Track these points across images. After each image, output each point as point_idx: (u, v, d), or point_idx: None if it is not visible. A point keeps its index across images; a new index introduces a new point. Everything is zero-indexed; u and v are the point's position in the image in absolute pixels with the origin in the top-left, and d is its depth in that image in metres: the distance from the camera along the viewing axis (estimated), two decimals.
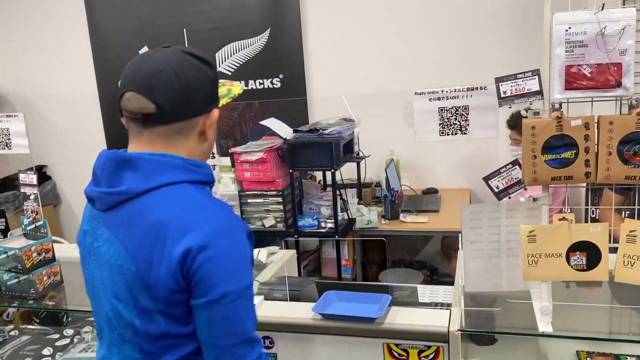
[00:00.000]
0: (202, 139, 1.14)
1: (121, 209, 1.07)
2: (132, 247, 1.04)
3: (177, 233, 1.01)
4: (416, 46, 3.55)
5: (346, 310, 1.52)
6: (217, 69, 1.16)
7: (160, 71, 1.06)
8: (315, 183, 3.37)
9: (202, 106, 1.11)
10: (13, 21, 4.36)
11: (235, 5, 3.79)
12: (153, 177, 1.06)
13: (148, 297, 1.04)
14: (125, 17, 4.04)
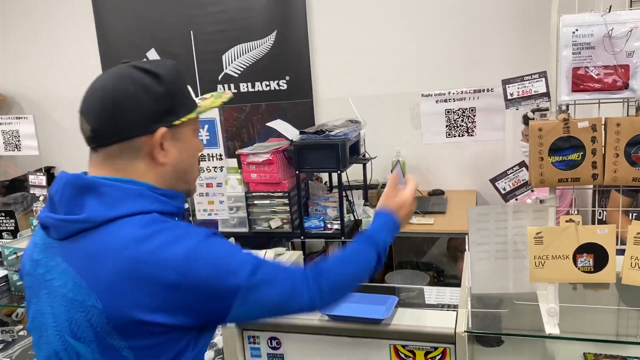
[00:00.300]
0: (156, 162, 1.03)
1: (82, 238, 0.96)
2: (97, 281, 0.93)
3: (152, 271, 0.92)
4: (422, 48, 3.55)
5: (353, 311, 1.52)
6: (172, 83, 1.03)
7: (96, 90, 1.02)
8: (321, 184, 3.38)
9: (137, 126, 1.00)
10: (21, 23, 4.39)
11: (242, 7, 3.80)
12: (117, 205, 0.97)
13: (116, 334, 0.93)
14: (133, 20, 4.07)
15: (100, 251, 0.94)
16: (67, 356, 0.97)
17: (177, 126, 1.04)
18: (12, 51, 4.46)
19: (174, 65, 1.07)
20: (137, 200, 0.99)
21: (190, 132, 1.08)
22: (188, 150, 1.08)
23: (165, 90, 1.02)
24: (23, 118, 2.23)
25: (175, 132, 1.04)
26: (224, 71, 3.95)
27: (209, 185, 1.91)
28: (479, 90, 1.52)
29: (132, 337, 0.93)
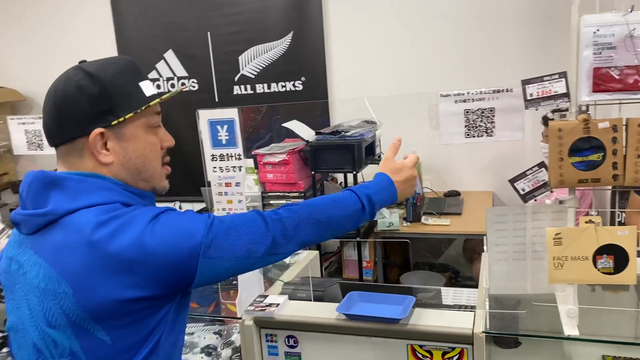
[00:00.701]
0: (101, 163, 1.04)
1: (49, 231, 1.00)
2: (65, 269, 0.96)
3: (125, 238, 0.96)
4: (440, 48, 3.55)
5: (370, 310, 1.52)
6: (111, 83, 1.03)
7: (48, 92, 1.06)
8: (336, 185, 3.39)
9: (75, 127, 1.02)
10: (40, 25, 4.46)
11: (258, 9, 3.83)
12: (80, 196, 1.00)
13: (89, 318, 0.96)
14: (151, 22, 4.11)
15: (63, 240, 0.97)
16: (45, 345, 0.99)
17: (119, 125, 1.04)
18: (32, 53, 4.53)
19: (123, 63, 1.07)
20: (100, 192, 1.01)
21: (139, 129, 1.07)
22: (138, 149, 1.07)
23: (100, 91, 1.02)
24: None
25: (118, 131, 1.04)
26: (241, 72, 3.98)
27: (227, 185, 1.92)
28: (499, 90, 1.52)
29: (105, 319, 0.96)
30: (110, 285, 0.94)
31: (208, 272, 0.99)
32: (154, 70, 4.17)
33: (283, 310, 1.63)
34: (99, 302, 0.94)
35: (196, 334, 2.19)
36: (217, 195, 1.92)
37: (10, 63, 4.60)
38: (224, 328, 2.16)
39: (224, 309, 2.24)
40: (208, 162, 1.92)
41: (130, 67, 1.08)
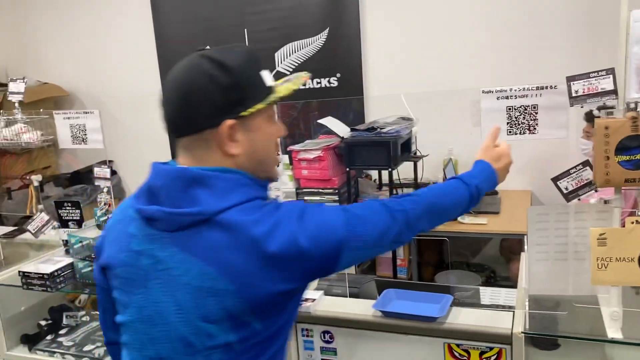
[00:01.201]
0: (228, 154, 1.03)
1: (199, 229, 0.98)
2: (225, 266, 0.96)
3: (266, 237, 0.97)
4: (480, 43, 3.48)
5: (407, 308, 1.52)
6: (241, 73, 1.00)
7: (169, 81, 1.03)
8: (371, 182, 3.38)
9: (204, 118, 1.00)
10: (82, 22, 4.57)
11: (295, 5, 3.84)
12: (227, 195, 0.99)
13: (249, 311, 0.98)
14: (189, 19, 4.17)
15: (221, 239, 0.97)
16: (198, 338, 0.99)
17: (247, 117, 1.02)
18: (74, 49, 4.65)
19: (247, 52, 1.05)
20: (242, 189, 1.01)
21: (263, 120, 1.06)
22: (262, 140, 1.06)
23: (233, 81, 0.99)
24: (89, 113, 2.33)
25: (246, 122, 1.02)
26: (276, 69, 4.00)
27: None
28: (542, 87, 1.49)
29: (261, 310, 0.99)
30: (268, 280, 0.97)
31: (346, 261, 1.04)
32: None
33: (319, 305, 1.64)
34: (258, 297, 0.97)
35: None
36: None
37: (53, 59, 4.73)
38: None
39: None
40: None
41: (254, 56, 1.06)
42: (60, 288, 2.03)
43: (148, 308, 1.03)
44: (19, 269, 2.07)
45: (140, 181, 1.07)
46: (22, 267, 2.10)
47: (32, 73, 4.60)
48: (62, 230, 2.22)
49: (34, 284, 2.01)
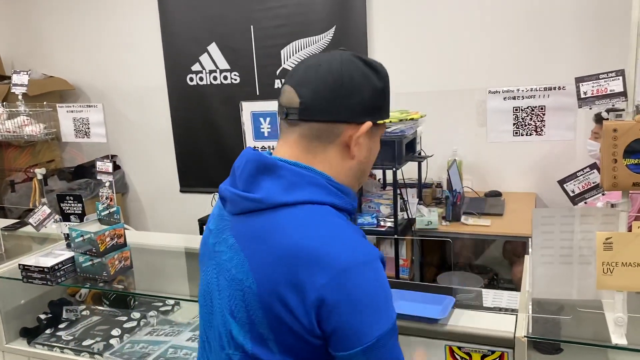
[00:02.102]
0: (347, 154, 1.00)
1: (252, 217, 0.96)
2: (257, 263, 0.93)
3: (311, 265, 0.88)
4: (487, 43, 3.46)
5: (408, 309, 1.50)
6: (387, 83, 1.03)
7: (320, 66, 0.99)
8: (375, 181, 3.36)
9: (350, 112, 0.98)
10: (88, 17, 4.57)
11: (302, 2, 3.83)
12: (294, 190, 0.95)
13: (266, 323, 0.92)
14: (195, 14, 4.16)
15: (267, 234, 0.93)
16: (225, 334, 0.99)
17: (377, 125, 1.03)
18: (80, 44, 4.65)
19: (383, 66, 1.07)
20: (313, 188, 0.96)
21: (379, 135, 1.07)
22: (374, 152, 1.06)
23: (382, 87, 1.01)
24: (93, 107, 2.32)
25: (374, 130, 1.03)
26: (282, 66, 3.99)
27: None
28: (550, 87, 1.47)
29: (277, 330, 0.91)
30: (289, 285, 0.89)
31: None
32: (197, 63, 4.22)
33: None
34: (274, 305, 0.90)
35: None
36: None
37: (59, 53, 4.74)
38: None
39: None
40: None
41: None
42: (60, 282, 2.02)
43: (204, 290, 1.06)
44: (20, 262, 2.07)
45: (143, 175, 1.08)
46: (22, 260, 2.09)
47: (39, 66, 4.61)
48: (63, 224, 2.21)
49: (34, 278, 2.01)
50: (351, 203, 1.01)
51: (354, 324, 0.88)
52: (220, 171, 4.29)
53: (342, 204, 0.98)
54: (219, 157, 4.29)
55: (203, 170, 4.38)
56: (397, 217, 2.89)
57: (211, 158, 4.33)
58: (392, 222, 2.92)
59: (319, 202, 0.95)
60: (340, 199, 0.99)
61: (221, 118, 4.25)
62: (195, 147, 4.35)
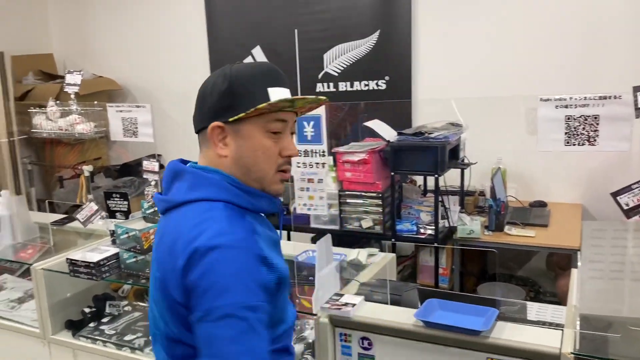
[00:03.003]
0: (219, 155, 1.14)
1: (168, 215, 1.14)
2: (161, 253, 1.11)
3: (184, 245, 1.03)
4: (538, 49, 3.35)
5: (450, 320, 1.47)
6: (239, 83, 1.10)
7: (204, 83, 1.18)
8: (415, 187, 3.32)
9: (205, 118, 1.13)
10: (137, 18, 4.68)
11: (346, 6, 3.82)
12: (195, 190, 1.11)
13: (166, 304, 1.08)
14: (241, 18, 4.21)
15: (167, 228, 1.12)
16: (153, 317, 1.17)
17: (238, 123, 1.11)
18: (128, 45, 4.77)
19: (261, 67, 1.15)
20: (211, 188, 1.11)
21: (256, 130, 1.12)
22: (249, 148, 1.13)
23: (227, 89, 1.11)
24: (141, 107, 2.38)
25: (237, 128, 1.12)
26: (324, 70, 3.99)
27: (310, 181, 1.93)
28: (605, 97, 1.41)
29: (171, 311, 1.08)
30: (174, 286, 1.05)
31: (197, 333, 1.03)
32: None
33: (359, 310, 1.62)
34: (171, 295, 1.06)
35: None
36: (299, 190, 1.93)
37: (109, 54, 4.87)
38: (297, 323, 2.17)
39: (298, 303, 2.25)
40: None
41: (268, 73, 1.14)
42: (105, 277, 2.08)
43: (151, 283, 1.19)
44: (67, 256, 2.13)
45: None
46: (70, 254, 2.16)
47: (88, 66, 4.76)
48: (109, 221, 2.27)
49: (80, 272, 2.06)
50: (250, 202, 1.13)
51: (198, 298, 1.00)
52: None
53: (239, 202, 1.11)
54: None
55: None
56: (437, 225, 2.85)
57: None
58: (433, 229, 2.88)
59: (213, 199, 1.09)
60: (238, 197, 1.11)
61: None
62: None
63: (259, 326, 1.00)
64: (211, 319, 0.98)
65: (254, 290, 1.01)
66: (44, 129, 3.43)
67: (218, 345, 0.97)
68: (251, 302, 0.99)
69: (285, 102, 1.11)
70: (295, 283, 2.09)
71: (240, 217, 1.09)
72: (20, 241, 2.58)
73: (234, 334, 0.97)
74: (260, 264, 1.03)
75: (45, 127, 3.43)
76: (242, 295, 0.99)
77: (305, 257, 2.28)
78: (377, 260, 2.15)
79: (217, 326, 0.98)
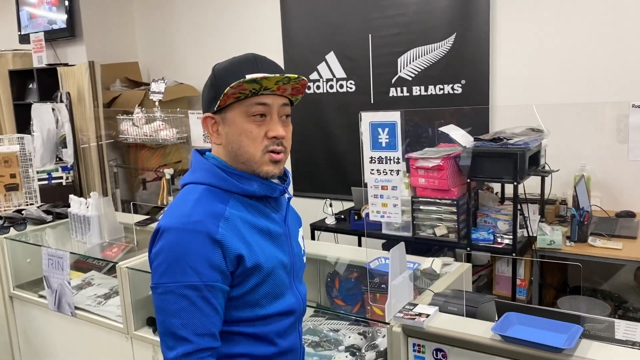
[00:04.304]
0: (214, 142, 1.26)
1: None
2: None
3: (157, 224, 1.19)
4: (627, 51, 3.16)
5: (529, 335, 1.41)
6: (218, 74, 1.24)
7: None
8: (492, 195, 3.22)
9: (203, 110, 1.27)
10: (213, 25, 4.84)
11: (421, 10, 3.77)
12: (191, 174, 1.26)
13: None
14: (316, 23, 4.25)
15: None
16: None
17: (225, 111, 1.22)
18: (205, 51, 4.92)
19: (240, 58, 1.25)
20: (202, 173, 1.24)
21: (237, 115, 1.21)
22: (235, 133, 1.22)
23: (212, 81, 1.24)
24: None
25: (224, 116, 1.22)
26: (398, 74, 3.96)
27: (383, 188, 1.92)
28: None
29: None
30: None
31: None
32: (315, 72, 4.30)
33: (433, 321, 1.59)
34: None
35: (341, 332, 2.23)
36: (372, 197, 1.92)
37: (187, 61, 5.07)
38: (369, 330, 2.16)
39: (369, 310, 2.24)
40: (366, 163, 1.93)
41: (245, 61, 1.24)
42: None
43: None
44: None
45: None
46: None
47: (171, 74, 4.98)
48: None
49: None
50: (237, 185, 1.22)
51: (152, 272, 1.17)
52: (332, 178, 4.35)
53: (224, 186, 1.21)
54: (332, 164, 4.35)
55: (315, 177, 4.46)
56: (516, 235, 2.74)
57: (324, 164, 4.40)
58: (510, 239, 2.78)
59: (199, 183, 1.22)
60: (224, 180, 1.22)
61: (335, 126, 4.30)
62: (310, 154, 4.44)
63: (202, 303, 1.13)
64: (158, 293, 1.14)
65: (198, 271, 1.12)
66: (130, 135, 3.62)
67: (162, 315, 1.14)
68: (192, 282, 1.12)
69: (251, 83, 1.16)
70: (367, 290, 2.08)
71: (214, 200, 1.19)
72: (107, 240, 2.73)
73: (174, 308, 1.12)
74: (213, 246, 1.14)
75: (131, 133, 3.62)
76: (182, 276, 1.12)
77: (378, 264, 2.26)
78: (452, 270, 2.10)
79: (162, 300, 1.14)
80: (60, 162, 4.48)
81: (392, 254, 1.67)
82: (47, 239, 3.01)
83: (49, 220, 3.09)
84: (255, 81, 1.16)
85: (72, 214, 2.84)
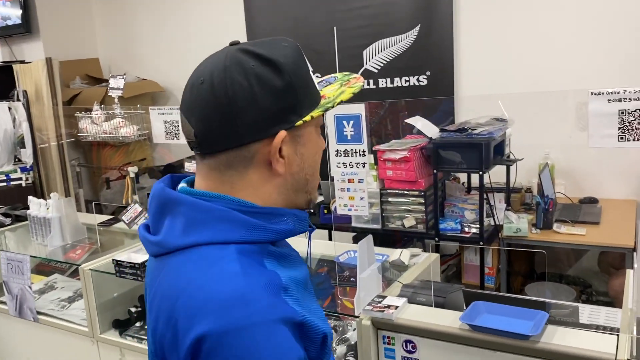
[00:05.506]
0: (273, 172, 0.83)
1: (161, 262, 0.83)
2: (156, 322, 0.81)
3: (186, 322, 0.73)
4: (587, 41, 3.22)
5: (497, 323, 1.42)
6: (294, 73, 0.82)
7: (202, 82, 0.81)
8: (459, 185, 3.25)
9: (253, 130, 0.80)
10: (176, 19, 4.76)
11: (386, 1, 3.77)
12: (194, 230, 0.79)
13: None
14: (280, 17, 4.22)
15: (161, 286, 0.81)
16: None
17: (299, 126, 0.83)
18: (168, 46, 4.83)
19: (295, 47, 0.86)
20: (219, 225, 0.79)
21: (313, 130, 0.88)
22: (311, 154, 0.87)
23: (286, 83, 0.81)
24: None
25: (296, 133, 0.84)
26: (364, 67, 3.95)
27: (350, 181, 1.91)
28: None
29: None
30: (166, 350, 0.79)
31: None
32: None
33: (402, 313, 1.58)
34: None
35: None
36: (339, 191, 1.91)
37: (150, 56, 4.97)
38: (339, 324, 2.15)
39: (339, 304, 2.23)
40: (332, 157, 1.91)
41: (302, 53, 0.87)
42: None
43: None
44: (113, 257, 2.17)
45: None
46: (116, 255, 2.20)
47: (132, 69, 4.86)
48: None
49: (126, 273, 2.11)
50: (273, 229, 0.82)
51: None
52: None
53: (258, 237, 0.80)
54: None
55: None
56: (482, 223, 2.78)
57: None
58: (477, 228, 2.81)
59: (221, 242, 0.78)
60: (256, 229, 0.80)
61: None
62: None
63: None
64: None
65: None
66: (90, 133, 3.53)
67: None
68: None
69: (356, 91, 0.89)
70: (337, 284, 2.07)
71: (256, 264, 0.78)
72: (69, 242, 2.65)
73: None
74: (297, 337, 0.75)
75: (90, 131, 3.53)
76: None
77: (347, 257, 2.25)
78: (420, 260, 2.10)
79: None
80: (19, 162, 4.34)
81: (359, 247, 1.66)
82: (6, 242, 2.91)
83: (8, 224, 2.99)
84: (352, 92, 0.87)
85: (31, 216, 2.75)
